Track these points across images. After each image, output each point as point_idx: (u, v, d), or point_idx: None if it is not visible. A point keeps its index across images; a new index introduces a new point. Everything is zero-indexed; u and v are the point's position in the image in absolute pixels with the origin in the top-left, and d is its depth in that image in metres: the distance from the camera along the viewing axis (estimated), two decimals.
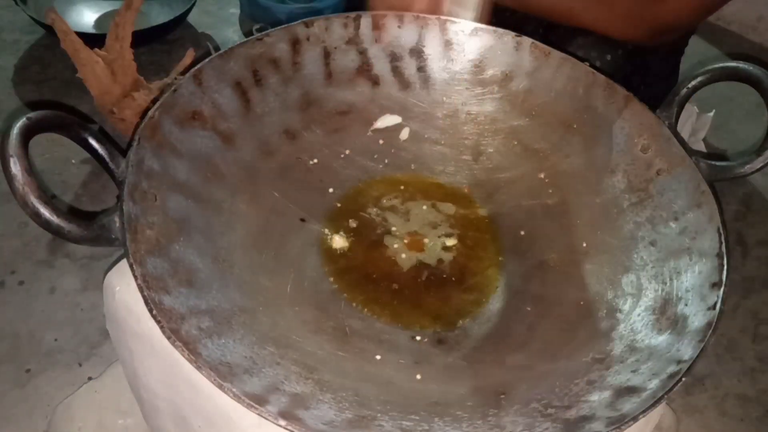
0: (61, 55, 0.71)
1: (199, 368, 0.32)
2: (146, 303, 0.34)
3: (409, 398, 0.38)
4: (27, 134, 0.35)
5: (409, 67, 0.54)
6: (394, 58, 0.53)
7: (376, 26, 0.52)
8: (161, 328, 0.33)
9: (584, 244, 0.48)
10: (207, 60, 0.46)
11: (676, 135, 0.47)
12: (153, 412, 0.47)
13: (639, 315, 0.42)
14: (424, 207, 0.51)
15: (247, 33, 1.00)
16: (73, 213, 0.36)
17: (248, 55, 0.49)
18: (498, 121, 0.54)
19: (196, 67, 0.45)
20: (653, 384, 0.36)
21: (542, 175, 0.52)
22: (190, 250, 0.40)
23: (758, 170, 0.46)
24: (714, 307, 0.39)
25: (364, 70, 0.53)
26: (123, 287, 0.43)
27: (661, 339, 0.39)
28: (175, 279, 0.37)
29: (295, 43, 0.51)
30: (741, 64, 0.48)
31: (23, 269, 0.67)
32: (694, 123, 0.70)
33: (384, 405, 0.36)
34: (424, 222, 0.50)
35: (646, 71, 0.71)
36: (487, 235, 0.50)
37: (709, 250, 0.42)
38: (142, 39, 0.76)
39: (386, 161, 0.53)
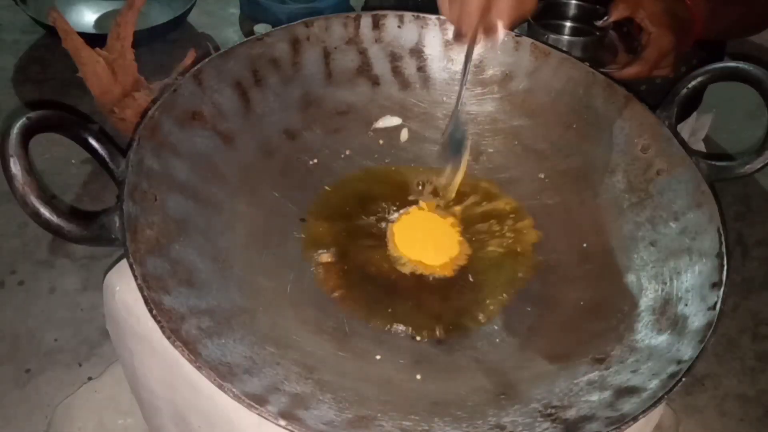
0: (61, 55, 0.71)
1: (199, 368, 0.32)
2: (146, 303, 0.34)
3: (409, 398, 0.38)
4: (27, 134, 0.35)
5: (409, 67, 0.54)
6: (394, 58, 0.53)
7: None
8: (161, 328, 0.33)
9: (584, 244, 0.48)
10: (207, 60, 0.46)
11: (676, 135, 0.47)
12: (153, 412, 0.47)
13: (639, 315, 0.42)
14: (425, 207, 0.51)
15: (247, 33, 1.00)
16: (73, 213, 0.36)
17: (248, 55, 0.49)
18: (498, 121, 0.54)
19: (196, 67, 0.45)
20: (653, 384, 0.36)
21: (542, 175, 0.52)
22: (190, 250, 0.40)
23: (758, 170, 0.46)
24: (714, 307, 0.39)
25: (364, 70, 0.53)
26: (123, 287, 0.43)
27: (661, 339, 0.39)
28: (175, 279, 0.37)
29: (295, 43, 0.51)
30: (741, 64, 0.48)
31: (23, 269, 0.67)
32: (694, 123, 0.70)
33: (384, 405, 0.36)
34: (424, 222, 0.50)
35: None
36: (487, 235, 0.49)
37: (709, 250, 0.42)
38: (143, 39, 0.76)
39: (386, 161, 0.53)
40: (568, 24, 0.65)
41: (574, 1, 0.64)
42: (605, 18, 0.60)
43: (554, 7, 0.64)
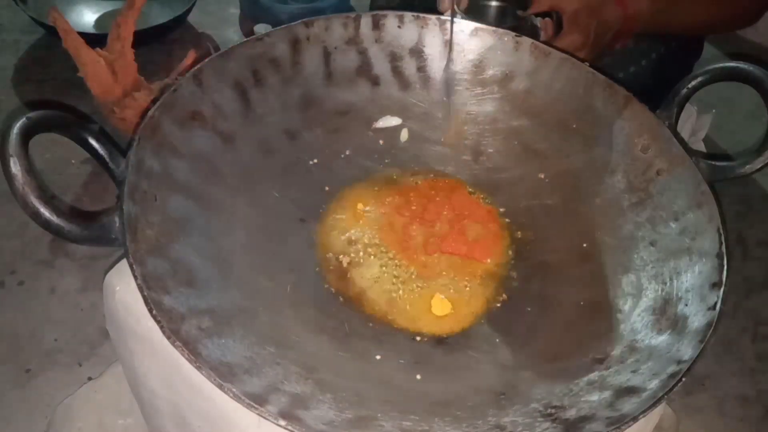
0: (61, 55, 0.70)
1: (199, 368, 0.32)
2: (146, 303, 0.34)
3: (409, 398, 0.38)
4: (27, 134, 0.35)
5: (409, 67, 0.54)
6: (394, 58, 0.53)
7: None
8: (161, 328, 0.33)
9: (584, 244, 0.48)
10: (207, 60, 0.46)
11: (676, 135, 0.47)
12: (153, 412, 0.47)
13: (639, 315, 0.42)
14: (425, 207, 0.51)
15: (247, 33, 1.00)
16: (73, 213, 0.36)
17: (248, 55, 0.49)
18: (498, 121, 0.54)
19: (196, 67, 0.45)
20: (653, 384, 0.36)
21: (542, 175, 0.52)
22: (190, 250, 0.40)
23: (758, 170, 0.46)
24: (714, 307, 0.39)
25: (364, 70, 0.53)
26: (123, 287, 0.43)
27: (661, 339, 0.39)
28: (175, 279, 0.37)
29: (295, 43, 0.51)
30: (741, 64, 0.48)
31: (23, 269, 0.67)
32: (694, 123, 0.70)
33: (384, 405, 0.36)
34: (425, 222, 0.50)
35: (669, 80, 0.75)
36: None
37: (709, 250, 0.42)
38: (143, 39, 0.76)
39: (386, 161, 0.53)
40: (493, 4, 0.67)
41: None
42: (527, 9, 0.65)
43: None
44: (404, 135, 0.54)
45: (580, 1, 0.63)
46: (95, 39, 0.72)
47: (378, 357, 0.41)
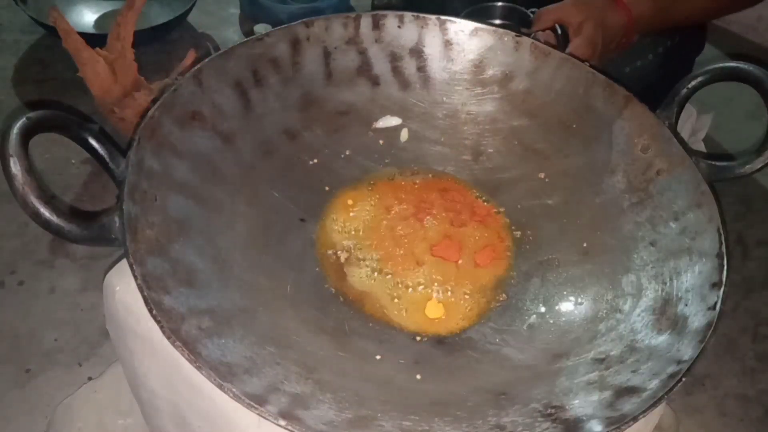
0: (61, 55, 0.71)
1: (199, 368, 0.32)
2: (146, 303, 0.34)
3: (409, 398, 0.38)
4: (27, 134, 0.35)
5: (409, 67, 0.54)
6: (394, 58, 0.53)
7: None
8: (161, 328, 0.33)
9: (584, 244, 0.48)
10: (207, 60, 0.46)
11: (676, 135, 0.47)
12: (153, 412, 0.47)
13: (639, 315, 0.42)
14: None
15: (247, 33, 1.00)
16: (73, 213, 0.36)
17: (248, 55, 0.49)
18: (498, 121, 0.54)
19: (196, 67, 0.45)
20: (653, 384, 0.36)
21: (542, 175, 0.52)
22: (190, 250, 0.40)
23: (758, 170, 0.46)
24: (714, 307, 0.39)
25: (364, 70, 0.53)
26: (123, 287, 0.43)
27: (661, 339, 0.39)
28: (175, 279, 0.37)
29: (295, 43, 0.51)
30: (741, 64, 0.48)
31: (23, 269, 0.67)
32: (694, 123, 0.70)
33: (384, 405, 0.36)
34: (424, 222, 0.50)
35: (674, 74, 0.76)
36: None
37: (709, 250, 0.42)
38: (143, 39, 0.76)
39: (386, 161, 0.53)
40: (496, 22, 0.68)
41: (501, 3, 0.69)
42: (531, 28, 0.65)
43: (484, 9, 0.68)
44: (404, 135, 0.54)
45: (583, 12, 0.63)
46: (95, 39, 0.72)
47: (378, 357, 0.41)
